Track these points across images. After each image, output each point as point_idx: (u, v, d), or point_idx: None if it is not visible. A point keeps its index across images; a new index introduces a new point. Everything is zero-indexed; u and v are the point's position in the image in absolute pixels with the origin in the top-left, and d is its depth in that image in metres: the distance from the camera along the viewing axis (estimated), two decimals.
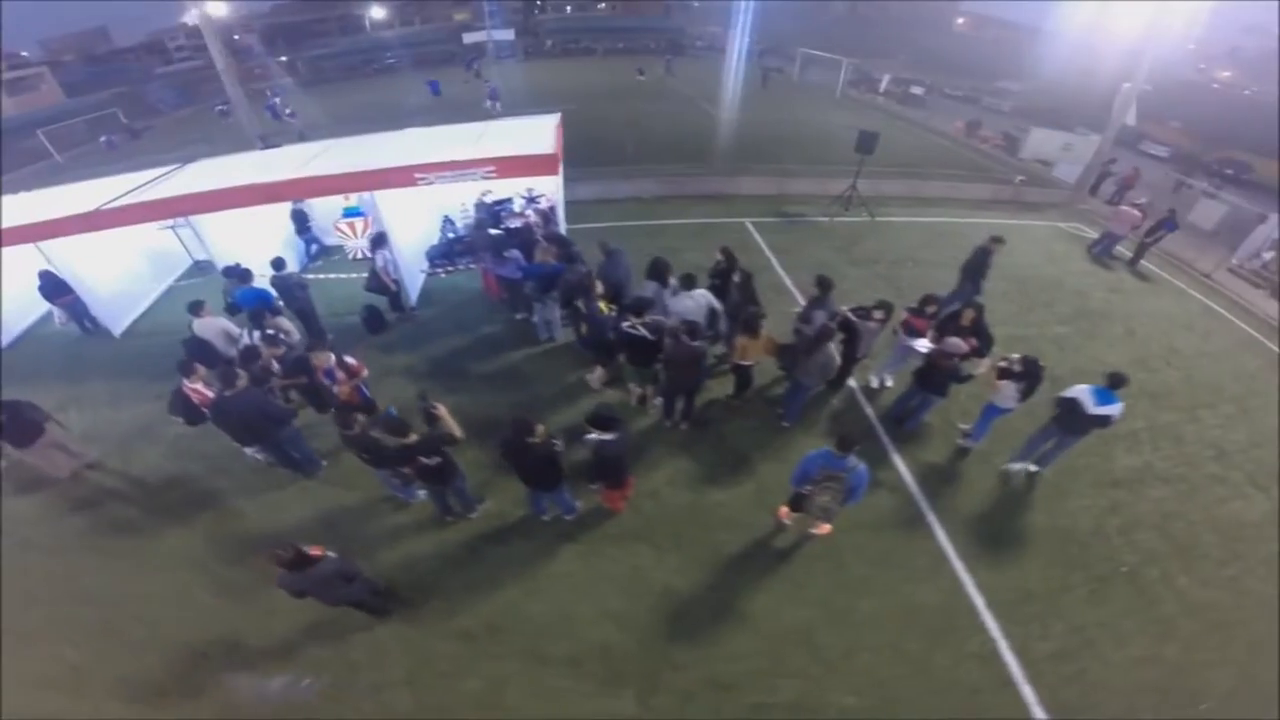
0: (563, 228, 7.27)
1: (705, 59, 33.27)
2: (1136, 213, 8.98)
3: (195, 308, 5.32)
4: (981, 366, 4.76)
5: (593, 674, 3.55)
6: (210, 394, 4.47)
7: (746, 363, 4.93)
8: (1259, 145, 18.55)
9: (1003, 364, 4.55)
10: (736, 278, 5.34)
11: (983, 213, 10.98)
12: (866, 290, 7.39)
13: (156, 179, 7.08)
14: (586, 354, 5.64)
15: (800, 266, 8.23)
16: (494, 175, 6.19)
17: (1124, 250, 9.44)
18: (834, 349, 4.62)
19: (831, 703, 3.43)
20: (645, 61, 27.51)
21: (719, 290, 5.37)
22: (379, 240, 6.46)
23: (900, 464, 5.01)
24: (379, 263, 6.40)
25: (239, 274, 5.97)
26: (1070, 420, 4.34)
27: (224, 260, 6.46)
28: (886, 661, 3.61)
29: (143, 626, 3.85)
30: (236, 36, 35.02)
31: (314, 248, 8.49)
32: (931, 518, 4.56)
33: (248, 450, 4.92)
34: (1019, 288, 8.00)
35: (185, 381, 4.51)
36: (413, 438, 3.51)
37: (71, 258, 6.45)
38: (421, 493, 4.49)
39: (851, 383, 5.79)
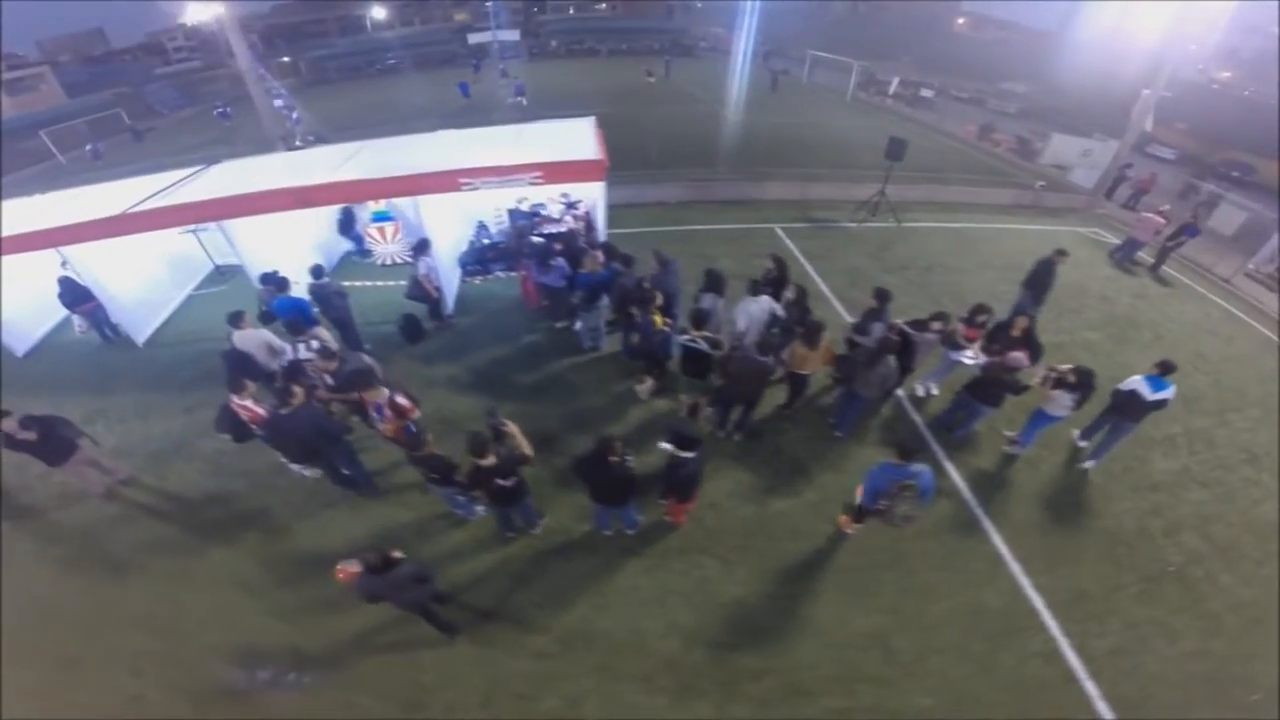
0: (602, 234, 7.18)
1: (709, 60, 33.28)
2: (1160, 219, 9.07)
3: (235, 319, 5.10)
4: (1035, 376, 4.79)
5: (666, 688, 3.55)
6: (261, 411, 4.33)
7: (804, 372, 4.93)
8: (1259, 146, 18.83)
9: (1055, 375, 4.59)
10: (790, 293, 5.33)
11: (1004, 218, 11.05)
12: (903, 298, 7.37)
13: (181, 181, 6.89)
14: (633, 363, 5.60)
15: (835, 273, 8.28)
16: (541, 181, 6.02)
17: (1144, 255, 9.54)
18: (893, 360, 4.63)
19: (909, 705, 3.49)
20: (648, 62, 27.47)
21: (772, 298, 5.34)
22: (421, 247, 6.31)
23: (953, 471, 5.06)
24: (421, 270, 6.26)
25: (276, 282, 5.77)
26: (1131, 409, 4.66)
27: (254, 265, 6.28)
28: (956, 663, 3.68)
29: (193, 648, 3.76)
30: None
31: (357, 247, 8.39)
32: (986, 523, 4.62)
33: (294, 467, 4.81)
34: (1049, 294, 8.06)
35: (234, 398, 4.34)
36: (491, 460, 3.47)
37: (91, 263, 6.23)
38: (480, 508, 4.43)
39: (898, 391, 5.81)
